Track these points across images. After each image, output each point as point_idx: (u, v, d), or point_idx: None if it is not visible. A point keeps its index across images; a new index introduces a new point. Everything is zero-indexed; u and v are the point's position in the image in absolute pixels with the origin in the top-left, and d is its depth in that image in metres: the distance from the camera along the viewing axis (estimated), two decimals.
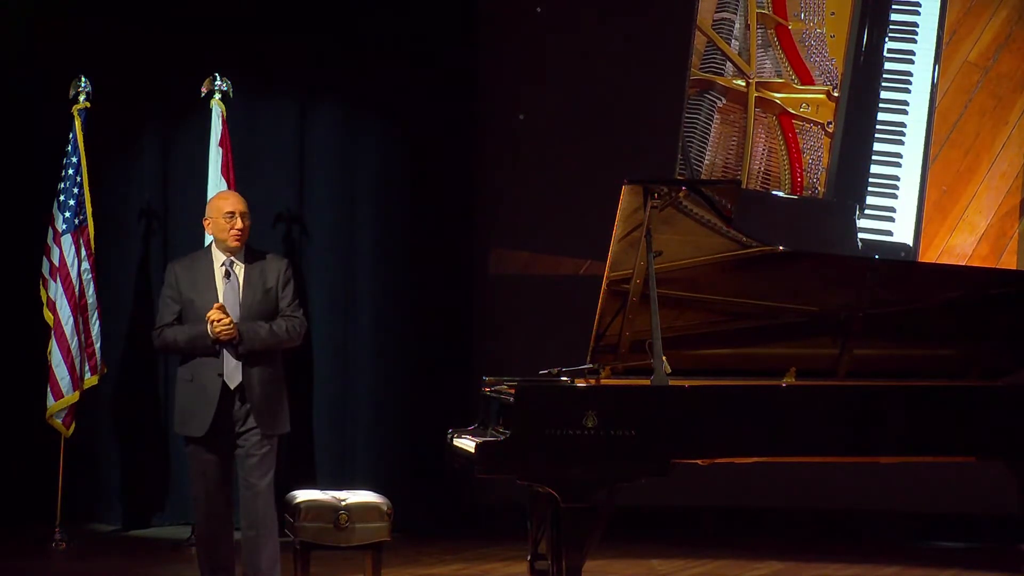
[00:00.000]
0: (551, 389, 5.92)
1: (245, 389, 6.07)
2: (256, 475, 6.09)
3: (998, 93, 9.11)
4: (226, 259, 6.14)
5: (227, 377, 6.05)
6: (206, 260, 6.20)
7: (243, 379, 6.06)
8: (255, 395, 6.07)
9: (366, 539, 6.35)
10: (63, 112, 8.63)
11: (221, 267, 6.14)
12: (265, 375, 6.09)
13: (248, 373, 6.05)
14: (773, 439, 5.88)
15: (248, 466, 6.10)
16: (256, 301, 6.12)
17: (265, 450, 6.12)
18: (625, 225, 5.89)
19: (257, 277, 6.15)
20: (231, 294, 6.10)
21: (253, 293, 6.12)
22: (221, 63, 8.84)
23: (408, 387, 9.24)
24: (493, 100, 9.55)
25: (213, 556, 6.17)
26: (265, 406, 6.09)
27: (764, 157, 9.21)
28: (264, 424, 6.08)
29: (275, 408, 6.15)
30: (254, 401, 6.06)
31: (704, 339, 6.32)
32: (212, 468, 6.12)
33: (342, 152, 9.35)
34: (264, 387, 6.09)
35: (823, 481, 8.57)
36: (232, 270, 6.12)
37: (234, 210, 6.11)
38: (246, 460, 6.11)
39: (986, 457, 6.17)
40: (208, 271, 6.15)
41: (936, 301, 6.34)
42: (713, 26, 9.26)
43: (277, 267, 6.20)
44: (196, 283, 6.15)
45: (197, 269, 6.19)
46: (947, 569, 8.02)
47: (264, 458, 6.11)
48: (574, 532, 5.71)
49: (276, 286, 6.18)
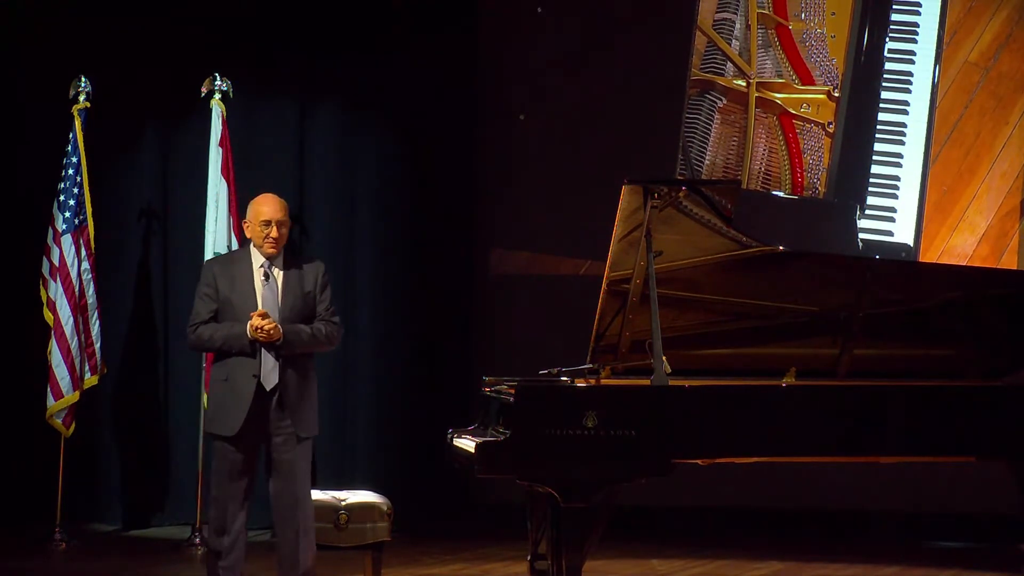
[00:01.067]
0: (551, 389, 5.92)
1: (281, 390, 6.03)
2: (292, 477, 6.03)
3: (998, 93, 9.11)
4: (265, 261, 6.11)
5: (263, 378, 6.00)
6: (245, 261, 6.16)
7: (279, 380, 6.03)
8: (291, 396, 6.02)
9: (366, 539, 6.35)
10: (63, 112, 8.63)
11: (260, 269, 6.11)
12: (300, 377, 6.06)
13: (285, 374, 6.03)
14: (773, 439, 5.88)
15: (285, 470, 6.05)
16: (294, 304, 6.07)
17: (302, 453, 6.07)
18: (625, 225, 5.89)
19: (296, 281, 6.11)
20: (270, 297, 6.06)
21: (292, 296, 6.08)
22: (221, 63, 8.84)
23: (408, 387, 9.24)
24: (493, 100, 9.55)
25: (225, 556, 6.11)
26: (300, 407, 6.05)
27: (765, 157, 9.21)
28: (300, 426, 6.04)
29: (309, 409, 6.11)
30: (290, 403, 6.02)
31: (704, 339, 6.32)
32: (238, 468, 6.05)
33: (342, 152, 9.36)
34: (299, 389, 6.05)
35: (823, 481, 8.57)
36: (271, 272, 6.09)
37: (270, 219, 6.08)
38: (283, 464, 6.06)
39: (986, 457, 6.17)
40: (247, 272, 6.11)
41: (936, 301, 6.35)
42: (714, 26, 9.26)
43: (315, 271, 6.16)
44: (235, 283, 6.10)
45: (236, 269, 6.14)
46: (947, 569, 8.01)
47: (300, 460, 6.05)
48: (574, 532, 5.71)
49: (314, 290, 6.13)
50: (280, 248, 6.11)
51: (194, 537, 8.47)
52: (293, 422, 6.01)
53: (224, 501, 6.08)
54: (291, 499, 6.03)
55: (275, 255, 6.11)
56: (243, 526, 6.08)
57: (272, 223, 6.07)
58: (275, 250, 6.09)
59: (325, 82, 9.39)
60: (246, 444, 6.03)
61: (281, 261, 6.14)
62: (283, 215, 6.11)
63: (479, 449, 5.75)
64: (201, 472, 8.54)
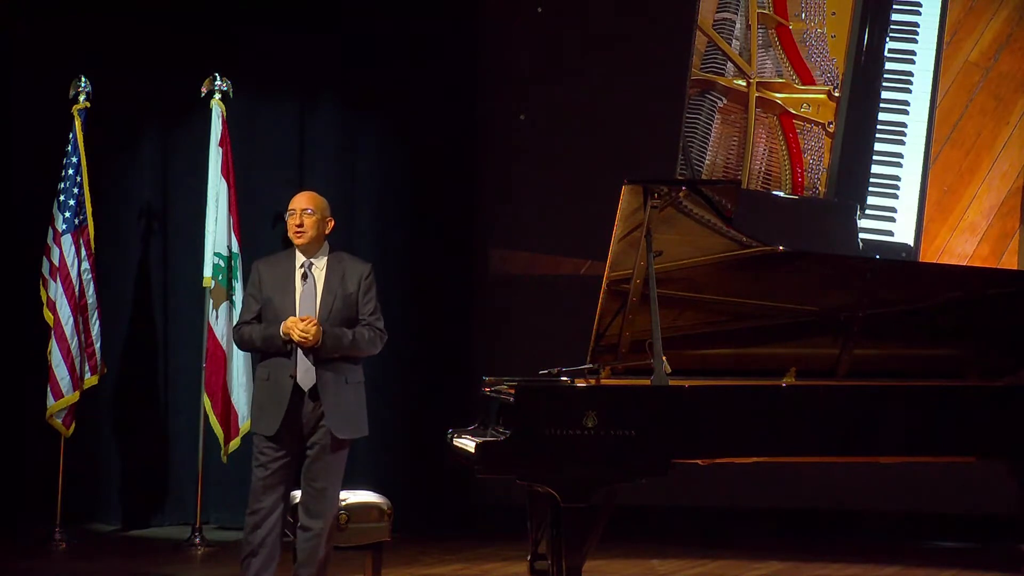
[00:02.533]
0: (551, 389, 5.92)
1: (319, 392, 6.01)
2: (325, 480, 6.01)
3: (999, 93, 9.11)
4: (306, 261, 6.09)
5: (300, 380, 5.99)
6: (288, 260, 6.13)
7: (316, 382, 6.00)
8: (328, 398, 5.99)
9: (366, 539, 6.35)
10: (63, 112, 8.63)
11: (300, 268, 6.09)
12: (340, 379, 6.01)
13: (322, 376, 6.00)
14: (773, 439, 5.88)
15: (315, 470, 6.02)
16: (334, 305, 6.02)
17: (334, 454, 6.02)
18: (625, 225, 5.89)
19: (337, 281, 6.05)
20: (308, 296, 6.03)
21: (332, 297, 6.03)
22: (221, 63, 8.84)
23: (408, 387, 9.24)
24: (493, 100, 9.55)
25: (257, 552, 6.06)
26: (337, 409, 5.99)
27: (765, 157, 9.21)
28: (335, 426, 5.98)
29: (349, 412, 6.04)
30: (327, 404, 6.00)
31: (704, 339, 6.32)
32: (276, 467, 6.02)
33: (342, 152, 9.36)
34: (338, 390, 6.00)
35: (823, 481, 8.57)
36: (310, 272, 6.05)
37: (294, 207, 6.05)
38: (314, 463, 6.03)
39: (986, 457, 6.17)
40: (289, 271, 6.09)
41: (936, 301, 6.35)
42: (714, 26, 9.26)
43: (359, 272, 6.08)
44: (276, 282, 6.08)
45: (280, 268, 6.11)
46: (947, 569, 8.01)
47: (333, 463, 6.01)
48: (574, 532, 5.71)
49: (357, 292, 6.07)
50: (308, 239, 6.04)
51: (194, 537, 8.48)
52: (329, 423, 5.98)
53: (258, 498, 6.04)
54: (320, 500, 6.00)
55: (305, 246, 6.06)
56: (277, 526, 6.04)
57: (296, 211, 6.04)
58: (303, 240, 6.03)
59: (325, 82, 9.39)
60: (285, 444, 6.01)
61: (324, 261, 6.09)
62: (310, 204, 6.05)
63: (479, 449, 5.75)
64: (201, 472, 8.55)
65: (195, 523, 8.54)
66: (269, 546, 6.01)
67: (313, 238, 6.06)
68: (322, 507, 6.03)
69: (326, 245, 6.13)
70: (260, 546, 6.00)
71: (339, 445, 6.04)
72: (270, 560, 6.02)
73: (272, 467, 6.03)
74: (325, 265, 6.09)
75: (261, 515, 6.02)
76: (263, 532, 6.00)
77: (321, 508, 6.02)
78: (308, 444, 6.03)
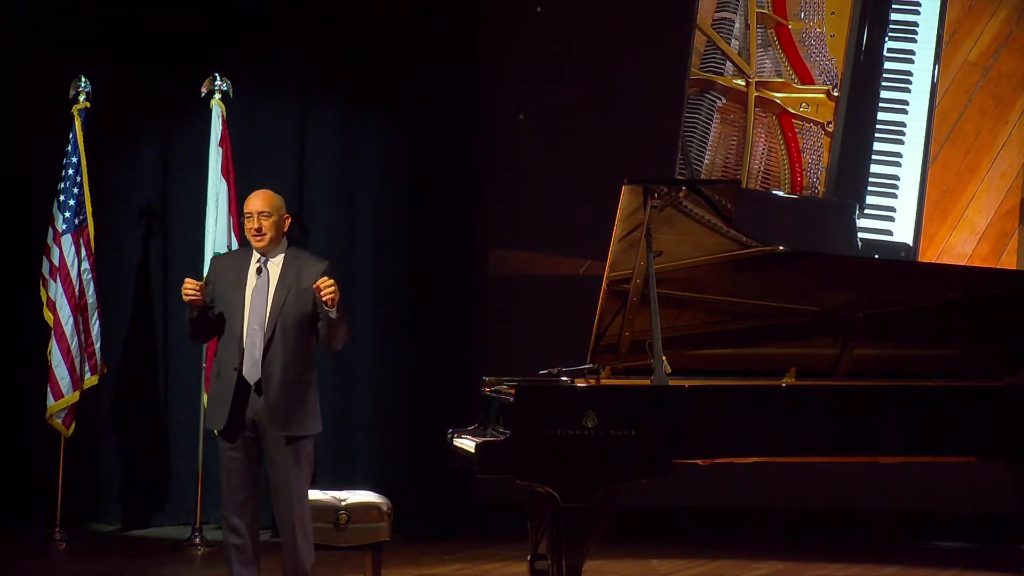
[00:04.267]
0: (551, 389, 5.92)
1: (263, 386, 6.00)
2: (287, 477, 5.99)
3: (998, 93, 9.11)
4: (262, 257, 6.10)
5: (246, 373, 5.97)
6: (245, 256, 6.12)
7: (262, 376, 5.99)
8: (272, 393, 5.96)
9: (366, 539, 6.36)
10: (63, 112, 8.63)
11: (256, 263, 6.09)
12: (288, 374, 5.95)
13: (267, 370, 5.98)
14: (773, 439, 5.88)
15: (272, 468, 6.02)
16: (287, 299, 5.98)
17: (295, 451, 5.96)
18: (625, 225, 5.89)
19: (292, 277, 6.03)
20: (261, 290, 6.00)
21: (285, 291, 6.00)
22: (221, 63, 8.84)
23: (408, 387, 9.24)
24: (493, 100, 9.55)
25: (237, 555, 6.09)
26: (281, 405, 5.94)
27: (764, 157, 9.21)
28: (278, 424, 5.94)
29: (293, 408, 5.97)
30: (268, 399, 5.98)
31: (704, 339, 6.32)
32: (236, 466, 6.00)
33: (342, 152, 9.36)
34: (284, 385, 5.94)
35: (823, 481, 8.56)
36: (265, 267, 6.06)
37: (251, 211, 6.05)
38: (271, 462, 6.01)
39: (986, 457, 6.18)
40: (244, 266, 6.07)
41: (936, 301, 6.34)
42: (713, 26, 9.26)
43: (316, 269, 6.01)
44: (230, 276, 6.07)
45: (236, 263, 6.12)
46: (947, 569, 8.01)
47: (293, 459, 5.96)
48: (574, 532, 5.71)
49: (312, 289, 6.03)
50: (267, 241, 6.02)
51: (194, 537, 8.48)
52: (273, 420, 5.94)
53: (226, 496, 6.06)
54: (285, 499, 6.00)
55: (264, 248, 6.06)
56: (252, 521, 6.03)
57: (254, 215, 6.03)
58: (262, 243, 6.04)
59: (325, 82, 9.39)
60: (240, 440, 6.00)
61: (281, 257, 6.10)
62: (266, 207, 6.02)
63: (479, 449, 5.75)
64: (201, 472, 8.55)
65: (195, 523, 8.54)
66: (248, 543, 6.01)
67: (272, 239, 6.06)
68: (282, 505, 5.99)
69: (284, 242, 6.11)
70: (236, 549, 6.02)
71: (290, 442, 5.96)
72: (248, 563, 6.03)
73: (231, 466, 6.01)
74: (281, 261, 6.07)
75: (233, 516, 6.04)
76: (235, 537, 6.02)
77: (282, 506, 5.99)
78: (264, 443, 5.99)
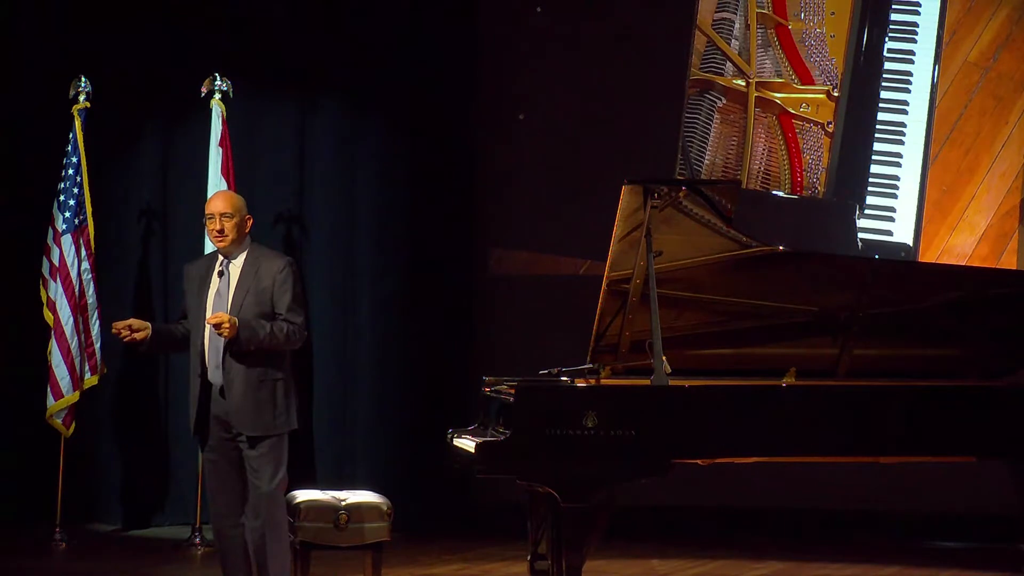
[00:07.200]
0: (551, 389, 5.92)
1: (226, 389, 6.00)
2: (256, 476, 6.03)
3: (998, 93, 9.11)
4: (224, 259, 6.11)
5: (210, 376, 6.00)
6: (211, 260, 6.16)
7: (223, 379, 5.99)
8: (235, 395, 5.96)
9: (366, 539, 6.34)
10: (63, 112, 8.63)
11: (219, 266, 6.10)
12: (251, 374, 5.97)
13: (229, 372, 5.97)
14: (773, 439, 5.88)
15: (248, 468, 6.05)
16: (246, 300, 5.99)
17: (261, 451, 5.99)
18: (625, 225, 5.89)
19: (251, 277, 6.04)
20: (222, 293, 6.05)
21: (243, 293, 6.00)
22: (221, 63, 8.84)
23: (408, 387, 9.24)
24: (493, 100, 9.55)
25: (224, 556, 6.13)
26: (245, 405, 5.95)
27: (764, 157, 9.21)
28: (243, 424, 5.95)
29: (261, 408, 5.98)
30: (231, 400, 5.98)
31: (704, 339, 6.31)
32: (215, 467, 6.06)
33: (342, 152, 9.36)
34: (247, 387, 5.96)
35: (823, 481, 8.56)
36: (227, 269, 6.07)
37: (213, 212, 6.05)
38: (246, 461, 6.06)
39: (986, 457, 6.17)
40: (209, 270, 6.12)
41: (936, 301, 6.34)
42: (713, 26, 9.26)
43: (274, 267, 6.03)
44: (195, 281, 6.13)
45: (202, 268, 6.17)
46: (947, 569, 8.02)
47: (260, 458, 5.99)
48: (574, 532, 5.71)
49: (272, 286, 6.02)
50: (229, 242, 6.03)
51: (194, 537, 8.48)
52: (240, 421, 5.95)
53: (211, 500, 6.16)
54: (255, 499, 6.02)
55: (226, 249, 6.06)
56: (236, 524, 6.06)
57: (216, 216, 6.04)
58: (223, 244, 6.04)
59: (325, 82, 9.39)
60: (216, 442, 6.03)
61: (243, 258, 6.09)
62: (228, 207, 6.03)
63: (479, 449, 5.75)
64: (201, 472, 8.54)
65: (195, 523, 8.54)
66: (235, 546, 6.04)
67: (234, 240, 6.07)
68: (256, 503, 6.00)
69: (247, 242, 6.12)
70: (231, 547, 6.04)
71: (259, 441, 5.98)
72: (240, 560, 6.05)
73: (208, 469, 6.10)
74: (242, 262, 6.08)
75: (217, 519, 6.10)
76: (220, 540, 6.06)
77: (254, 504, 6.00)
78: (237, 444, 6.02)
